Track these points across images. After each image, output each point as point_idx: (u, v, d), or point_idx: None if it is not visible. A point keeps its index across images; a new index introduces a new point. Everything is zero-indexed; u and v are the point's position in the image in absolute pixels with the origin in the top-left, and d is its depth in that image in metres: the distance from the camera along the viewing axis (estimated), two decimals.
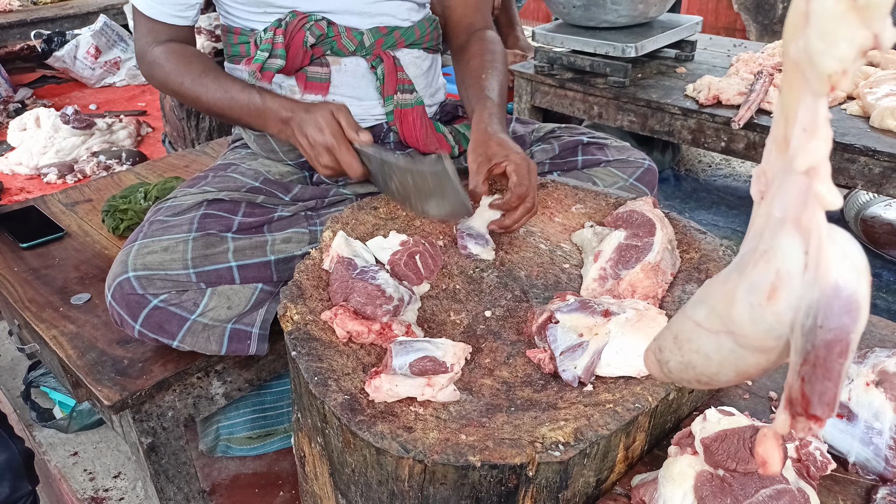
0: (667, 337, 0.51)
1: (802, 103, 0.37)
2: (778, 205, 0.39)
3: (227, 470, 1.59)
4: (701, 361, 0.47)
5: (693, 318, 0.47)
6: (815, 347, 0.38)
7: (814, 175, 0.37)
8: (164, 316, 1.11)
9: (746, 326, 0.42)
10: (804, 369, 0.39)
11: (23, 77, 4.49)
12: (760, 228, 0.42)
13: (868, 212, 2.43)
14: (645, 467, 0.84)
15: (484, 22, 1.45)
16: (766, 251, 0.40)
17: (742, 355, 0.44)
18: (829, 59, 0.34)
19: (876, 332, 1.02)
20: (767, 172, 0.42)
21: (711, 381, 0.48)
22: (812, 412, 0.39)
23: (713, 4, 4.48)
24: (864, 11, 0.32)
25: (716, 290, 0.46)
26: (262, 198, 1.26)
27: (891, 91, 1.87)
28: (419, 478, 0.75)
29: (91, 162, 3.10)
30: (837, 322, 0.37)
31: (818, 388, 0.39)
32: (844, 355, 0.38)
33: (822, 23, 0.34)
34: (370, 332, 0.92)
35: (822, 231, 0.38)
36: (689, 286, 1.02)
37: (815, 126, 0.36)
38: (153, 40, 1.29)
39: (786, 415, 0.41)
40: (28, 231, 1.60)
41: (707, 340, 0.46)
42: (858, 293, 0.37)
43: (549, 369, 0.88)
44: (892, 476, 0.77)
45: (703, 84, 2.06)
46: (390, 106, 1.33)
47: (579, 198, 1.23)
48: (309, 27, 1.25)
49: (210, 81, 1.25)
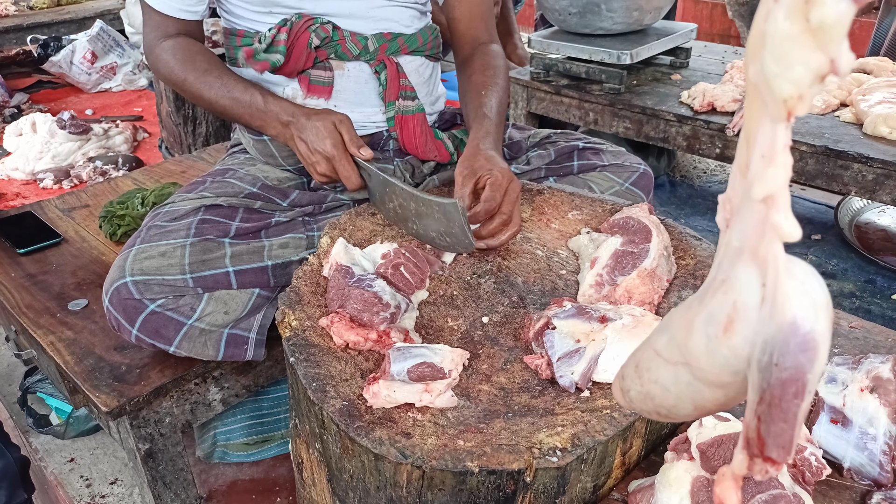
0: (630, 364, 0.49)
1: (761, 128, 0.35)
2: (736, 234, 0.37)
3: (225, 476, 1.59)
4: (659, 393, 0.45)
5: (654, 346, 0.45)
6: (770, 386, 0.36)
7: (771, 204, 0.35)
8: (161, 321, 1.11)
9: (702, 359, 0.40)
10: (760, 408, 0.37)
11: (19, 82, 4.48)
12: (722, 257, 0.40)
13: (862, 218, 2.44)
14: (642, 473, 0.84)
15: (489, 36, 1.44)
16: (724, 281, 0.38)
17: (699, 389, 0.42)
18: (785, 83, 0.32)
19: (870, 338, 1.03)
20: (732, 199, 0.39)
21: (670, 415, 0.46)
22: (767, 454, 0.37)
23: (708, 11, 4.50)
24: (818, 34, 0.30)
25: (677, 318, 0.43)
26: (259, 203, 1.27)
27: (883, 98, 1.89)
28: (417, 484, 0.75)
29: (87, 167, 3.09)
30: (793, 361, 0.35)
31: (773, 430, 0.36)
32: (800, 396, 0.36)
33: (776, 45, 0.32)
34: (367, 340, 0.92)
35: (780, 263, 0.36)
36: (685, 292, 1.03)
37: (774, 153, 0.34)
38: (162, 34, 1.30)
39: (743, 455, 0.39)
40: (25, 237, 1.60)
41: (665, 371, 0.44)
42: (816, 331, 0.35)
43: (546, 375, 0.89)
44: (887, 481, 0.78)
45: (697, 91, 2.07)
46: (391, 112, 1.34)
47: (576, 204, 1.24)
48: (314, 29, 1.25)
49: (213, 79, 1.26)
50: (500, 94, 1.32)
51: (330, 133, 1.15)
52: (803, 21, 0.30)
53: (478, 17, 1.43)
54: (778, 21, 0.31)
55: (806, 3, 0.30)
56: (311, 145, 1.16)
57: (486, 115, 1.25)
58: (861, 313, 1.98)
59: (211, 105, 1.28)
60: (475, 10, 1.42)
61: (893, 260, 2.22)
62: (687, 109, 2.06)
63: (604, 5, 2.16)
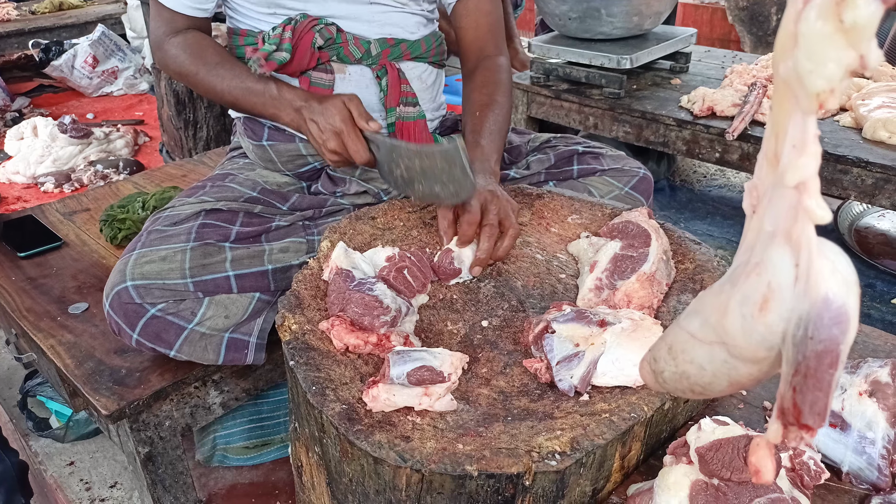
0: (661, 348, 0.51)
1: (792, 120, 0.38)
2: (769, 219, 0.40)
3: (224, 479, 1.59)
4: (695, 372, 0.48)
5: (687, 328, 0.48)
6: (805, 358, 0.39)
7: (803, 190, 0.38)
8: (161, 325, 1.12)
9: (739, 337, 0.43)
10: (795, 380, 0.40)
11: (20, 86, 4.50)
12: (752, 242, 0.42)
13: (861, 222, 2.45)
14: (641, 476, 0.84)
15: (495, 48, 1.42)
16: (757, 264, 0.41)
17: (735, 366, 0.45)
18: (818, 79, 0.35)
19: (869, 342, 1.03)
20: (759, 187, 0.42)
21: (705, 391, 0.49)
22: (804, 422, 0.40)
23: (708, 16, 4.51)
24: (850, 33, 0.33)
25: (709, 302, 0.46)
26: (259, 208, 1.27)
27: (883, 103, 1.89)
28: (416, 487, 0.76)
29: (88, 171, 3.10)
30: (827, 333, 0.38)
31: (809, 399, 0.39)
32: (835, 366, 0.38)
33: (810, 44, 0.34)
34: (367, 343, 0.92)
35: (812, 244, 0.39)
36: (684, 296, 1.03)
37: (805, 143, 0.37)
38: (171, 30, 1.31)
39: (778, 424, 0.42)
40: (26, 240, 1.60)
41: (700, 351, 0.47)
42: (848, 305, 0.38)
43: (545, 379, 0.89)
44: (885, 485, 0.78)
45: (697, 95, 2.08)
46: (392, 118, 1.34)
47: (575, 208, 1.24)
48: (319, 29, 1.26)
49: (226, 71, 1.27)
50: (500, 111, 1.30)
51: (339, 110, 1.16)
52: (836, 21, 0.33)
53: (485, 28, 1.41)
54: (810, 22, 0.34)
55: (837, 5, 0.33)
56: (321, 124, 1.17)
57: (480, 143, 1.24)
58: (861, 317, 1.97)
59: (222, 96, 1.29)
60: (482, 21, 1.40)
61: (893, 264, 2.22)
62: (687, 114, 2.07)
63: (604, 10, 2.17)
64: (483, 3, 1.40)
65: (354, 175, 1.35)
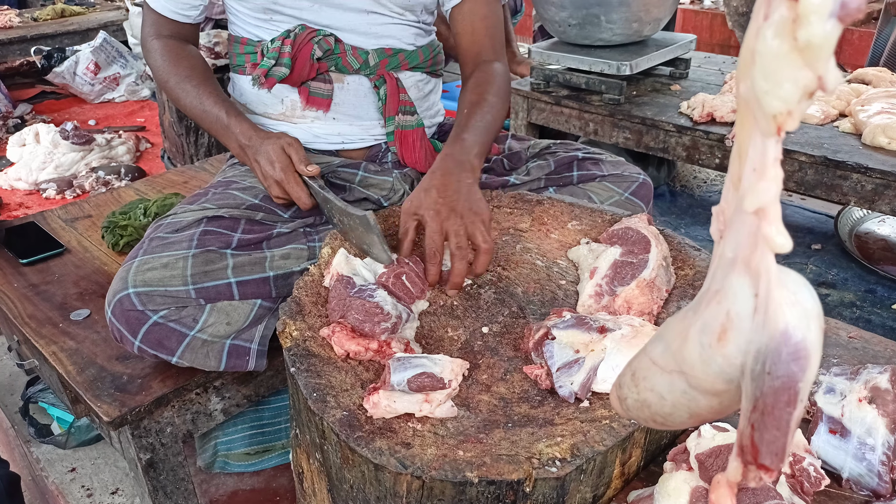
0: (627, 373, 0.50)
1: (752, 143, 0.36)
2: (729, 245, 0.38)
3: (225, 486, 1.59)
4: (655, 401, 0.46)
5: (650, 354, 0.46)
6: (763, 394, 0.37)
7: (763, 216, 0.36)
8: (163, 332, 1.12)
9: (697, 367, 0.41)
10: (754, 416, 0.37)
11: (22, 93, 4.51)
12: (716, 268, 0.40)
13: (862, 228, 2.45)
14: (641, 483, 0.84)
15: (493, 53, 1.40)
16: (717, 291, 0.39)
17: (693, 397, 0.43)
18: (774, 100, 0.33)
19: (869, 348, 1.03)
20: (725, 211, 0.40)
21: (666, 422, 0.47)
22: (761, 462, 0.38)
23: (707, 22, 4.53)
24: (805, 52, 0.31)
25: (672, 328, 0.44)
26: (261, 215, 1.28)
27: (882, 109, 1.90)
28: (417, 494, 0.76)
29: (90, 177, 3.11)
30: (785, 370, 0.36)
31: (766, 438, 0.37)
32: (793, 404, 0.36)
33: (765, 62, 0.33)
34: (367, 350, 0.93)
35: (772, 274, 0.37)
36: (684, 303, 1.03)
37: (765, 167, 0.35)
38: (155, 32, 1.35)
39: (737, 462, 0.40)
40: (28, 247, 1.61)
41: (661, 379, 0.45)
42: (808, 340, 0.36)
43: (545, 385, 0.89)
44: (886, 492, 0.78)
45: (697, 101, 2.08)
46: (391, 127, 1.35)
47: (575, 214, 1.24)
48: (317, 41, 1.27)
49: (191, 87, 1.29)
50: (488, 111, 1.28)
51: (279, 157, 1.19)
52: (791, 40, 0.31)
53: (482, 32, 1.40)
54: (767, 40, 0.33)
55: (793, 22, 0.31)
56: (263, 170, 1.20)
57: (460, 135, 1.21)
58: (861, 323, 1.99)
59: (186, 111, 1.32)
60: (479, 26, 1.39)
61: (893, 269, 2.22)
62: (686, 120, 2.07)
63: (603, 17, 2.18)
64: (479, 8, 1.38)
65: (354, 182, 1.36)
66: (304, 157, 1.20)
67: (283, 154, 1.19)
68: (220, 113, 1.26)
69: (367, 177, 1.35)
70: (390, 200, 1.36)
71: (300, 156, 1.20)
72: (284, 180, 1.18)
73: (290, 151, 1.20)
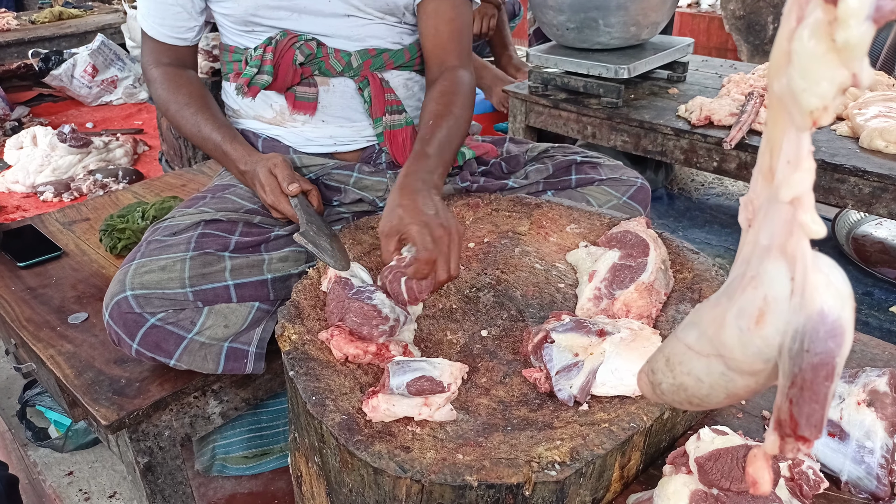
0: (659, 359, 0.52)
1: (786, 137, 0.38)
2: (765, 233, 0.41)
3: (223, 489, 1.59)
4: (692, 384, 0.48)
5: (684, 341, 0.48)
6: (801, 371, 0.39)
7: (798, 205, 0.38)
8: (161, 335, 1.12)
9: (736, 350, 0.44)
10: (792, 392, 0.40)
11: (20, 95, 4.51)
12: (748, 255, 0.43)
13: (859, 231, 2.45)
14: (640, 486, 0.84)
15: (457, 60, 1.34)
16: (753, 277, 0.42)
17: (732, 378, 0.45)
18: (811, 97, 0.35)
19: (867, 351, 1.04)
20: (754, 201, 0.43)
21: (703, 403, 0.49)
22: (800, 433, 0.40)
23: (705, 25, 4.54)
24: (842, 52, 0.33)
25: (706, 314, 0.47)
26: (258, 218, 1.28)
27: (879, 112, 1.90)
28: (416, 498, 0.76)
29: (87, 180, 3.10)
30: (823, 346, 0.39)
31: (805, 411, 0.40)
32: (831, 378, 0.39)
33: (803, 63, 0.35)
34: (366, 353, 0.92)
35: (808, 258, 0.39)
36: (683, 306, 1.03)
37: (799, 158, 0.38)
38: (155, 60, 1.37)
39: (775, 436, 0.42)
40: (25, 250, 1.60)
41: (698, 363, 0.47)
42: (843, 318, 0.39)
43: (544, 389, 0.89)
44: (884, 494, 0.78)
45: (694, 105, 2.09)
46: (380, 127, 1.35)
47: (574, 218, 1.24)
48: (299, 46, 1.28)
49: (189, 115, 1.31)
50: (453, 124, 1.23)
51: (267, 181, 1.21)
52: (829, 41, 0.34)
53: (446, 36, 1.33)
54: (804, 41, 0.35)
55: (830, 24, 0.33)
56: (258, 193, 1.24)
57: (422, 150, 1.16)
58: (859, 326, 1.99)
59: (188, 137, 1.34)
60: (443, 29, 1.32)
61: (890, 272, 2.23)
62: (684, 123, 2.07)
63: (601, 20, 2.18)
64: (444, 9, 1.31)
65: (349, 184, 1.36)
66: (288, 176, 1.21)
67: (270, 177, 1.21)
68: (217, 139, 1.29)
69: (362, 178, 1.36)
70: (385, 201, 1.36)
71: (284, 174, 1.21)
72: (276, 203, 1.21)
73: (276, 172, 1.21)
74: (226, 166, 1.32)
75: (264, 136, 1.38)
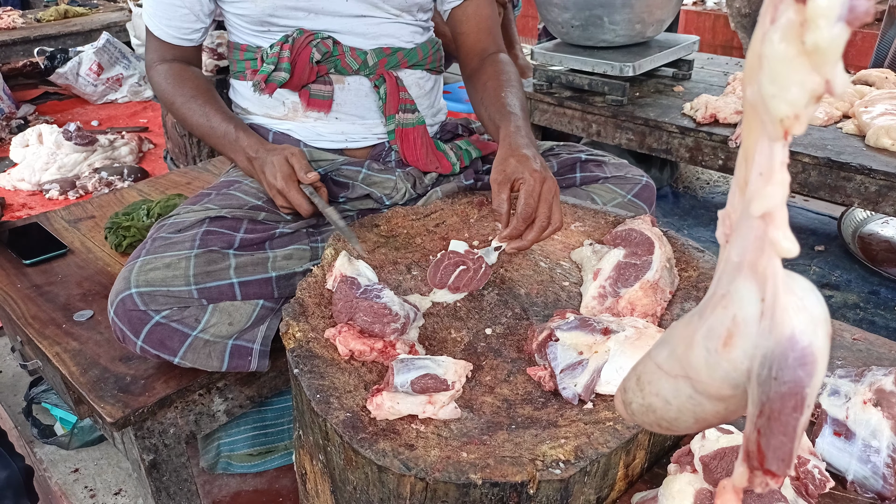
0: (632, 377, 0.49)
1: (758, 147, 0.35)
2: (735, 249, 0.38)
3: (228, 487, 1.59)
4: (660, 405, 0.46)
5: (655, 359, 0.46)
6: (770, 399, 0.37)
7: (769, 221, 0.36)
8: (165, 332, 1.12)
9: (702, 372, 0.41)
10: (760, 421, 0.37)
11: (25, 93, 4.52)
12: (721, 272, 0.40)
13: (865, 229, 2.44)
14: (645, 485, 0.84)
15: (496, 46, 1.45)
16: (724, 296, 0.39)
17: (699, 402, 0.43)
18: (781, 104, 0.33)
19: (874, 349, 1.03)
20: (731, 215, 0.40)
21: (672, 427, 0.46)
22: (767, 467, 0.38)
23: (710, 23, 4.52)
24: (812, 56, 0.31)
25: (678, 332, 0.44)
26: (263, 215, 1.28)
27: (886, 110, 1.89)
28: (421, 496, 0.76)
29: (93, 178, 3.11)
30: (792, 375, 0.36)
31: (773, 443, 0.37)
32: (800, 410, 0.36)
33: (773, 67, 0.33)
34: (373, 350, 0.92)
35: (779, 278, 0.36)
36: (688, 304, 1.03)
37: (772, 170, 0.35)
38: (159, 58, 1.37)
39: (744, 468, 0.39)
40: (31, 248, 1.61)
41: (666, 384, 0.44)
42: (814, 345, 0.36)
43: (549, 387, 0.89)
44: (891, 494, 0.78)
45: (700, 103, 2.08)
46: (392, 125, 1.35)
47: (578, 216, 1.24)
48: (315, 44, 1.28)
49: (197, 106, 1.31)
50: (519, 94, 1.33)
51: (281, 167, 1.21)
52: (799, 44, 0.31)
53: (485, 30, 1.44)
54: (774, 43, 0.32)
55: (801, 26, 0.31)
56: (268, 180, 1.23)
57: (512, 112, 1.25)
58: (865, 324, 1.98)
59: (193, 130, 1.34)
60: (483, 25, 1.43)
61: None
62: (689, 121, 2.07)
63: (606, 18, 2.18)
64: (483, 8, 1.43)
65: (357, 180, 1.36)
66: (305, 166, 1.22)
67: (286, 164, 1.21)
68: (227, 128, 1.28)
69: (370, 175, 1.36)
70: (392, 199, 1.36)
71: (301, 164, 1.22)
72: (285, 189, 1.20)
73: (292, 161, 1.22)
74: (232, 156, 1.30)
75: (275, 129, 1.38)
